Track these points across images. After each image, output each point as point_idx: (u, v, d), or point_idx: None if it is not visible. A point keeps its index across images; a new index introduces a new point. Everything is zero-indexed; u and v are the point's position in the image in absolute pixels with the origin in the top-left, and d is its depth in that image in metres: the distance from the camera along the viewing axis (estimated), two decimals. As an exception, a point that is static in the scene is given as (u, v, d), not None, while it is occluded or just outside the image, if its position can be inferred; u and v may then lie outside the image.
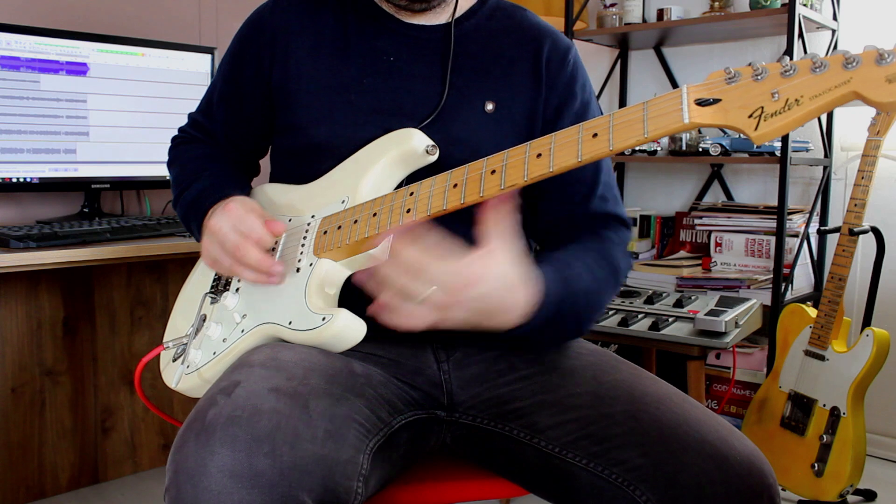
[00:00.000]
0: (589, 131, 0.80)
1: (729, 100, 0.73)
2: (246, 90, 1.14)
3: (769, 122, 0.71)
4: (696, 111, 0.74)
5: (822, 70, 0.69)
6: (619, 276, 1.05)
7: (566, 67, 1.11)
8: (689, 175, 2.67)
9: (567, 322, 0.96)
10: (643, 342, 1.96)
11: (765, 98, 0.71)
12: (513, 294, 0.85)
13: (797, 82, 0.70)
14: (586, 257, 1.01)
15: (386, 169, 1.00)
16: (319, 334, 0.92)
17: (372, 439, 0.90)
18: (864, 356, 1.86)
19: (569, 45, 1.14)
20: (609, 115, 0.79)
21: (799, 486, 1.94)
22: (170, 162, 1.24)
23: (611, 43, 2.71)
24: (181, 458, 0.76)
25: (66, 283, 2.09)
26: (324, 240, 0.98)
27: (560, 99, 1.10)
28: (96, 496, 2.13)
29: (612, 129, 0.78)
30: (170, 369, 1.09)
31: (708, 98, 0.74)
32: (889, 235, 2.09)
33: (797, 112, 0.70)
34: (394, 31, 1.10)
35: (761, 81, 0.72)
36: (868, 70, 0.67)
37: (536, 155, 0.82)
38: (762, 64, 0.72)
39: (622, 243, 1.08)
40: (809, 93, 0.69)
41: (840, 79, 0.68)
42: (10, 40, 1.85)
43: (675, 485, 0.84)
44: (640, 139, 0.76)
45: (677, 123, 0.75)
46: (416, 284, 0.80)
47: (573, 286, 0.94)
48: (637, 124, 0.76)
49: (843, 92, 0.68)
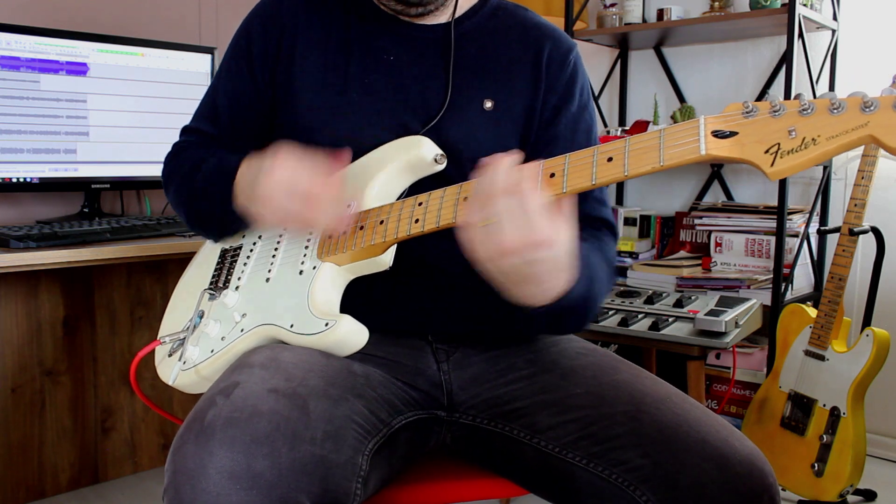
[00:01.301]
0: (604, 155, 0.80)
1: (745, 133, 0.74)
2: (253, 85, 1.12)
3: (785, 160, 0.71)
4: (713, 143, 0.74)
5: (840, 112, 0.70)
6: (614, 278, 1.06)
7: (566, 68, 1.11)
8: (689, 175, 2.67)
9: (575, 316, 0.94)
10: (643, 342, 1.96)
11: (782, 135, 0.72)
12: (559, 274, 0.82)
13: (815, 121, 0.71)
14: (595, 256, 1.01)
15: (393, 175, 1.00)
16: (322, 339, 0.92)
17: (371, 440, 0.90)
18: (864, 356, 1.86)
19: (570, 45, 1.13)
20: (625, 140, 0.79)
21: (799, 486, 1.94)
22: (167, 180, 1.15)
23: (611, 43, 2.71)
24: (180, 458, 0.76)
25: (65, 283, 2.09)
26: (329, 243, 0.98)
27: (559, 100, 1.10)
28: (96, 496, 2.13)
29: (628, 155, 0.78)
30: (165, 364, 1.08)
31: (725, 130, 0.74)
32: (889, 235, 2.09)
33: (814, 151, 0.70)
34: (394, 31, 1.09)
35: (779, 118, 0.72)
36: (885, 115, 0.68)
37: (549, 175, 0.82)
38: (780, 100, 0.73)
39: (613, 247, 1.09)
40: (826, 133, 0.70)
41: (857, 122, 0.69)
42: (10, 40, 1.85)
43: (676, 485, 0.84)
44: (655, 167, 0.76)
45: (694, 154, 0.75)
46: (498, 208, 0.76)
47: (591, 284, 0.93)
48: (653, 152, 0.77)
49: (861, 135, 0.69)
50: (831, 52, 2.34)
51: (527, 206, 0.76)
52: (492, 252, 0.78)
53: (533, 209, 0.76)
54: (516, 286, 0.83)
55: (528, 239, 0.76)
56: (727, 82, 2.57)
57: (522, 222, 0.76)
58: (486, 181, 0.79)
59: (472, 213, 0.79)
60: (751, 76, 2.52)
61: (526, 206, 0.76)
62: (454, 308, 1.06)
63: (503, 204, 0.76)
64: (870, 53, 2.31)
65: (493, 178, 0.78)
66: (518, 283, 0.82)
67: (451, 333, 1.08)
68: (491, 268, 0.80)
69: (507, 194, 0.76)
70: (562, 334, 1.05)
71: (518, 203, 0.76)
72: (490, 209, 0.77)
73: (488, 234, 0.77)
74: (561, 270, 0.82)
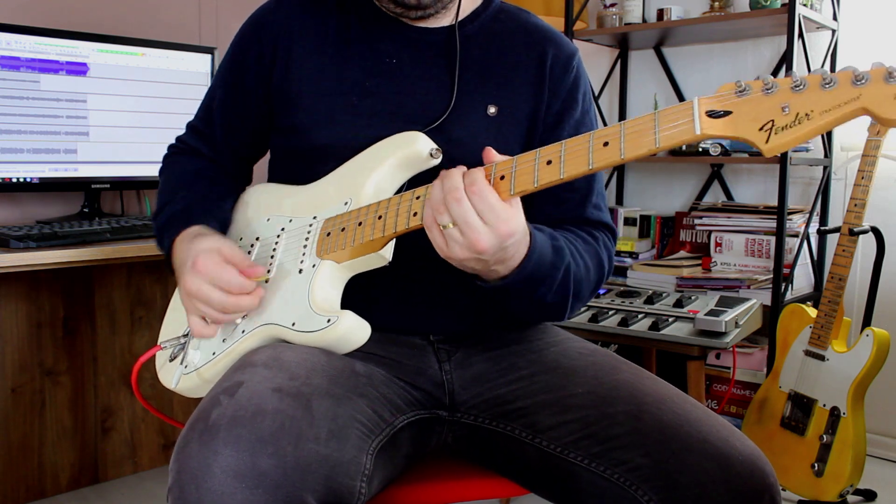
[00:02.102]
0: (600, 140, 0.80)
1: (739, 112, 0.74)
2: (247, 90, 1.13)
3: (780, 136, 0.72)
4: (708, 122, 0.75)
5: (832, 86, 0.70)
6: (605, 271, 1.06)
7: (570, 73, 1.11)
8: (689, 175, 2.67)
9: (547, 290, 0.95)
10: (643, 342, 1.96)
11: (775, 111, 0.73)
12: (520, 246, 0.88)
13: (807, 97, 0.71)
14: (577, 242, 1.02)
15: (390, 171, 1.00)
16: (324, 336, 0.92)
17: (374, 439, 0.90)
18: (864, 356, 1.86)
19: (573, 50, 1.13)
20: (620, 125, 0.80)
21: (799, 486, 1.94)
22: (161, 171, 1.23)
23: (611, 43, 2.71)
24: (184, 458, 0.76)
25: (66, 283, 2.09)
26: (327, 241, 0.98)
27: (562, 105, 1.10)
28: (96, 496, 2.13)
29: (624, 138, 0.79)
30: (167, 369, 1.08)
31: (719, 110, 0.75)
32: (889, 235, 2.09)
33: (807, 126, 0.71)
34: (396, 34, 1.09)
35: (771, 95, 0.73)
36: (877, 87, 0.68)
37: (546, 162, 0.83)
38: (772, 78, 0.73)
39: (609, 249, 1.10)
40: (819, 108, 0.71)
41: (849, 95, 0.70)
42: (10, 40, 1.85)
43: (677, 485, 0.84)
44: (651, 149, 0.77)
45: (689, 134, 0.75)
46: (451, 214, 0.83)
47: (560, 255, 0.95)
48: (648, 134, 0.77)
49: (853, 108, 0.69)
50: (831, 52, 2.34)
51: (491, 205, 0.82)
52: (468, 253, 0.84)
53: (496, 206, 0.82)
54: (487, 271, 0.89)
55: (500, 236, 0.82)
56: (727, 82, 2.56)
57: (491, 218, 0.82)
58: (437, 189, 0.85)
59: (429, 219, 0.86)
60: (751, 76, 2.51)
61: (490, 205, 0.82)
62: (455, 308, 1.06)
63: (463, 208, 0.82)
64: (870, 53, 2.31)
65: (445, 185, 0.84)
66: (488, 270, 0.88)
67: (453, 333, 1.08)
68: (464, 266, 0.87)
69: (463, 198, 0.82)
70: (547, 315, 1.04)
71: (481, 203, 0.82)
72: (446, 215, 0.83)
73: (463, 238, 0.83)
74: (521, 245, 0.88)
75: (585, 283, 1.01)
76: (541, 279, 0.92)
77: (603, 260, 1.06)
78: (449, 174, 0.85)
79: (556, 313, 1.01)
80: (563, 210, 1.09)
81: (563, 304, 0.99)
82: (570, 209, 1.09)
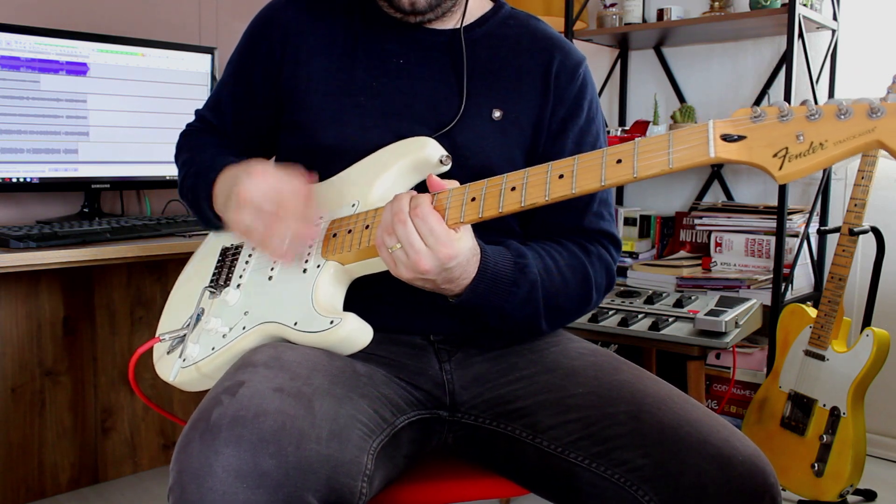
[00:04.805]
0: (613, 157, 0.81)
1: (754, 138, 0.74)
2: (256, 86, 1.14)
3: (794, 164, 0.72)
4: (722, 146, 0.75)
5: (848, 117, 0.71)
6: (592, 288, 1.05)
7: (576, 81, 1.11)
8: (689, 175, 2.67)
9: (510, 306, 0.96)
10: (643, 342, 1.96)
11: (790, 139, 0.73)
12: (468, 268, 0.91)
13: (822, 127, 0.72)
14: (558, 256, 1.02)
15: (398, 176, 1.00)
16: (326, 337, 0.92)
17: (375, 439, 0.90)
18: (864, 356, 1.86)
19: (580, 59, 1.13)
20: (634, 142, 0.80)
21: (799, 487, 1.94)
22: (178, 150, 1.22)
23: (611, 43, 2.71)
24: (185, 458, 0.76)
25: (66, 283, 2.09)
26: (333, 242, 0.98)
27: (567, 112, 1.10)
28: (96, 496, 2.13)
29: (637, 156, 0.79)
30: (164, 362, 1.08)
31: (734, 134, 0.75)
32: (889, 235, 2.09)
33: (822, 155, 0.71)
34: (403, 35, 1.09)
35: (787, 122, 0.73)
36: (892, 121, 0.69)
37: (558, 176, 0.84)
38: (788, 105, 0.74)
39: (605, 260, 1.08)
40: (834, 138, 0.71)
41: (865, 127, 0.70)
42: (10, 40, 1.85)
43: (678, 485, 0.85)
44: (664, 169, 0.77)
45: (703, 157, 0.76)
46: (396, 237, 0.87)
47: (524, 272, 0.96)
48: (662, 154, 0.77)
49: (867, 140, 0.70)
50: (831, 52, 2.34)
51: (432, 229, 0.86)
52: (413, 273, 0.88)
53: (436, 229, 0.86)
54: (440, 290, 0.93)
55: (439, 259, 0.86)
56: (727, 82, 2.57)
57: (431, 241, 0.86)
58: (387, 212, 0.88)
59: (379, 240, 0.90)
60: (751, 76, 2.52)
61: (431, 228, 0.85)
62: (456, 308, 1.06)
63: (407, 230, 0.86)
64: (870, 53, 2.31)
65: (393, 207, 0.88)
66: (440, 288, 0.92)
67: (454, 334, 1.08)
68: (414, 284, 0.90)
69: (407, 220, 0.86)
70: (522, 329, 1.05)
71: (423, 226, 0.86)
72: (393, 237, 0.87)
73: (407, 259, 0.87)
74: (469, 265, 0.91)
75: (564, 297, 1.01)
76: (501, 295, 0.94)
77: (589, 273, 1.05)
78: (398, 198, 0.88)
79: (530, 328, 1.03)
80: (561, 218, 1.08)
81: (534, 318, 1.00)
82: (569, 217, 1.08)
